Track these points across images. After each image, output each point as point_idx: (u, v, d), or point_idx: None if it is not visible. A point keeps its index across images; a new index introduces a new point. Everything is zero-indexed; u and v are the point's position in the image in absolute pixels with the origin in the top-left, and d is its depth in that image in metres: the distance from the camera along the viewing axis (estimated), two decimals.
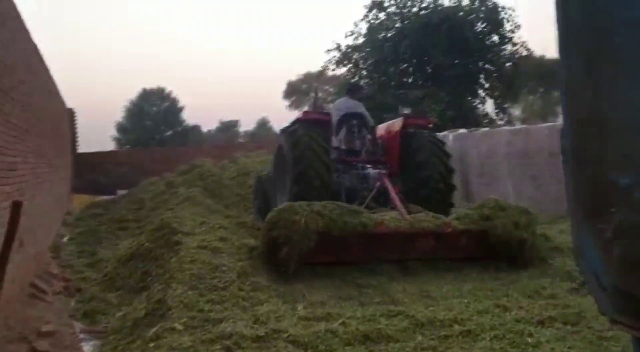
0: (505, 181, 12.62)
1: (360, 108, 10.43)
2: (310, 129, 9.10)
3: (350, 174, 9.60)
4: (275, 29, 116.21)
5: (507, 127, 13.26)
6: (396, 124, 9.96)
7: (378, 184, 8.90)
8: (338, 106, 10.63)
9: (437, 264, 7.77)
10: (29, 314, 6.67)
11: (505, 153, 12.61)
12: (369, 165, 9.68)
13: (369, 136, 10.23)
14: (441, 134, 15.88)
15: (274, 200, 9.68)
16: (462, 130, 15.20)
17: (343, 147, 10.03)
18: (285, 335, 5.01)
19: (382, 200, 8.88)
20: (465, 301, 6.07)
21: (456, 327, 5.27)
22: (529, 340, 4.92)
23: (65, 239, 12.33)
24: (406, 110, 10.19)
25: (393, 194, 8.45)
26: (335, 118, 10.04)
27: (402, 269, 7.61)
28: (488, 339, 4.97)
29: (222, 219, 10.72)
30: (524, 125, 12.43)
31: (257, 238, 8.35)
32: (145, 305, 6.40)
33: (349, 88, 11.33)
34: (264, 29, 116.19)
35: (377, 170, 9.30)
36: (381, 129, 10.56)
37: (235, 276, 6.55)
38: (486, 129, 14.50)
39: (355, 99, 10.71)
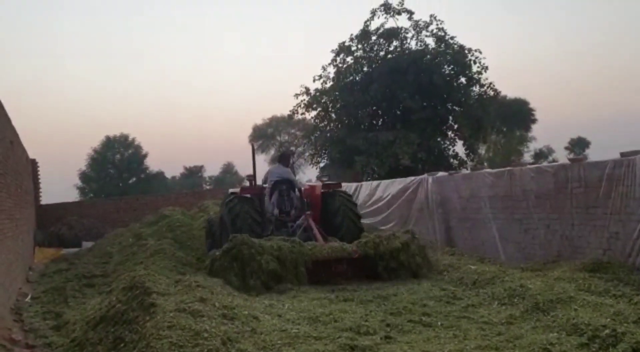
0: (489, 225, 12.26)
1: (289, 174, 12.97)
2: (243, 199, 12.17)
3: (282, 232, 11.80)
4: (238, 72, 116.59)
5: (489, 170, 12.91)
6: (317, 188, 12.92)
7: (305, 224, 11.68)
8: (271, 173, 13.01)
9: (432, 321, 7.33)
10: None
11: (488, 196, 12.27)
12: (297, 222, 12.11)
13: (297, 196, 12.70)
14: (418, 177, 15.62)
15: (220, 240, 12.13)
16: (441, 173, 14.89)
17: (276, 210, 12.39)
18: None
19: (306, 239, 11.12)
20: None
21: None
22: None
23: (28, 299, 11.56)
24: (324, 178, 14.06)
25: (315, 230, 11.36)
26: (269, 185, 12.68)
27: (396, 326, 7.14)
28: None
29: (197, 275, 10.15)
30: (507, 168, 12.09)
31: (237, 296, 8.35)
32: None
33: (280, 157, 13.78)
34: (226, 73, 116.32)
35: (303, 215, 11.98)
36: (306, 188, 13.29)
37: (219, 343, 5.96)
38: (467, 171, 14.21)
39: (285, 165, 13.28)
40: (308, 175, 63.38)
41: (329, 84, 29.55)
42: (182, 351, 5.76)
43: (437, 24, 28.16)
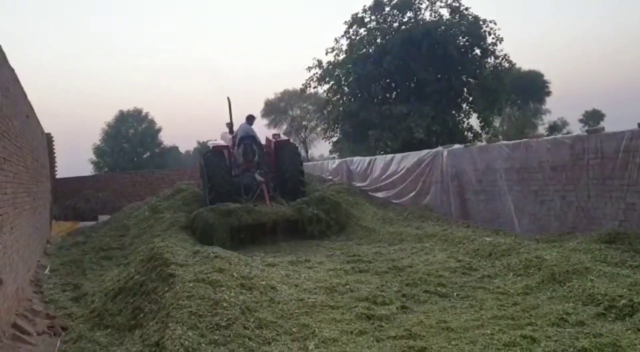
0: (505, 197, 12.20)
1: (252, 131, 16.35)
2: (216, 156, 15.63)
3: (246, 176, 15.60)
4: (251, 47, 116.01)
5: (505, 142, 12.82)
6: (272, 143, 16.33)
7: (263, 185, 14.91)
8: (241, 129, 16.41)
9: (448, 292, 7.38)
10: None
11: (504, 168, 12.18)
12: (258, 170, 15.67)
13: (258, 147, 16.13)
14: (433, 150, 15.54)
15: (204, 192, 15.95)
16: (456, 146, 14.77)
17: (241, 159, 15.96)
18: None
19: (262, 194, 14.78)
20: (488, 332, 5.61)
21: None
22: None
23: (47, 271, 11.73)
24: (275, 133, 17.01)
25: (266, 195, 14.59)
26: (237, 138, 16.20)
27: (413, 297, 7.20)
28: None
29: (214, 246, 10.22)
30: (524, 139, 12.00)
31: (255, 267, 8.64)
32: (140, 347, 5.89)
33: (247, 117, 16.66)
34: (240, 48, 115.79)
35: (261, 178, 15.26)
36: (267, 140, 16.78)
37: (238, 312, 6.05)
38: (482, 143, 14.10)
39: (250, 124, 16.49)
40: (320, 149, 63.44)
41: (341, 57, 29.18)
42: (202, 320, 5.84)
43: None
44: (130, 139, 60.24)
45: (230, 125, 17.69)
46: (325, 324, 6.11)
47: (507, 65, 27.93)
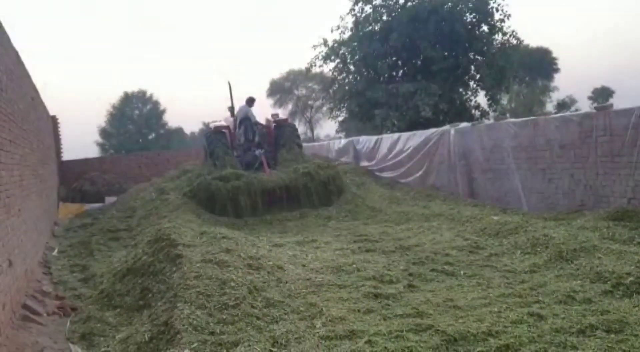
0: (513, 175, 12.13)
1: (250, 113, 17.13)
2: (218, 135, 16.66)
3: (247, 154, 16.53)
4: (257, 27, 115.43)
5: (512, 120, 12.74)
6: (271, 122, 17.50)
7: (262, 158, 15.94)
8: (240, 111, 17.28)
9: (455, 270, 7.38)
10: (22, 340, 6.17)
11: (512, 147, 12.10)
12: (257, 149, 16.52)
13: (258, 128, 17.12)
14: (440, 129, 15.45)
15: (206, 168, 16.47)
16: (464, 124, 14.67)
17: (242, 138, 16.87)
18: None
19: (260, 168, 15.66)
20: (495, 310, 5.62)
21: (492, 341, 4.83)
22: None
23: (55, 252, 11.81)
24: (274, 113, 18.19)
25: (265, 166, 15.63)
26: (238, 120, 17.10)
27: (419, 275, 7.20)
28: None
29: (221, 227, 10.25)
30: (531, 117, 11.92)
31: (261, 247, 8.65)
32: (149, 327, 5.93)
33: (247, 100, 17.35)
34: (245, 28, 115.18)
35: (261, 152, 16.26)
36: (267, 120, 17.81)
37: (245, 292, 6.08)
38: (490, 121, 14.00)
39: (250, 106, 17.23)
40: (326, 129, 63.33)
41: (347, 35, 28.85)
42: (210, 300, 5.88)
43: None
44: (135, 121, 60.23)
45: (231, 109, 18.20)
46: (332, 303, 6.13)
47: (515, 42, 27.56)
